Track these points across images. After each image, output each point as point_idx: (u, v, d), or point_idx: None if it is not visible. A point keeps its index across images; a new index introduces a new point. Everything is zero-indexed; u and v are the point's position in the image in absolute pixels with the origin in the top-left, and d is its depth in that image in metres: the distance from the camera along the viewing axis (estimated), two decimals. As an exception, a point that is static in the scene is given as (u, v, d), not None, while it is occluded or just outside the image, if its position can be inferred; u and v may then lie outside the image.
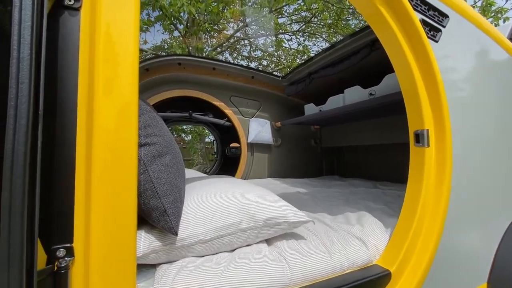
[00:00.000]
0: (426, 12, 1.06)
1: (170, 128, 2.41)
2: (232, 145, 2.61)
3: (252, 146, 2.73)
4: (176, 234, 0.67)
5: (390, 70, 1.92)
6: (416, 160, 1.01)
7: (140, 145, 0.67)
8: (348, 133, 2.79)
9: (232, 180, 1.01)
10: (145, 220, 0.71)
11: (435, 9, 1.08)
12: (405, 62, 1.00)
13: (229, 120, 2.61)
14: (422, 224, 0.94)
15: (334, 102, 2.17)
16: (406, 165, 1.08)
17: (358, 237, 0.96)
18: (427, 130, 0.98)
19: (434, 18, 1.08)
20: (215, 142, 2.65)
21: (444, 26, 1.09)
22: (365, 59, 1.90)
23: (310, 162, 3.09)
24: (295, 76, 2.58)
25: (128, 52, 0.54)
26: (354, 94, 1.96)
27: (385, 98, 1.62)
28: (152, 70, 2.23)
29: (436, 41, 1.06)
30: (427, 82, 1.00)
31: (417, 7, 1.03)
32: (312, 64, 2.29)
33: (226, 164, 2.58)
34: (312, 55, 6.42)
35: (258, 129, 2.68)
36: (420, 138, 1.00)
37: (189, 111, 2.39)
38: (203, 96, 2.50)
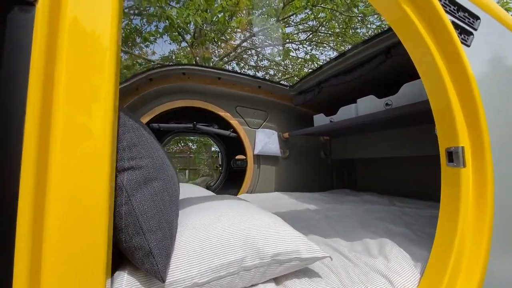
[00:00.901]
0: (455, 14, 0.93)
1: (170, 141, 2.31)
2: (237, 157, 2.49)
3: (259, 158, 2.60)
4: (163, 281, 0.54)
5: (408, 78, 1.80)
6: (450, 182, 0.87)
7: (123, 170, 0.55)
8: (360, 144, 2.63)
9: (235, 204, 0.88)
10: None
11: (465, 10, 0.96)
12: (435, 70, 0.87)
13: (234, 131, 2.50)
14: (461, 259, 0.79)
15: (346, 113, 2.04)
16: (426, 180, 0.93)
17: (383, 274, 0.81)
18: (462, 148, 0.84)
19: (465, 20, 0.95)
20: (219, 154, 2.54)
21: (475, 29, 0.97)
22: (380, 66, 1.78)
23: (319, 175, 2.94)
24: (303, 85, 2.47)
25: (103, 58, 0.43)
26: (368, 104, 1.82)
27: (404, 108, 1.48)
28: (156, 80, 2.16)
29: (468, 46, 0.93)
30: (461, 92, 0.86)
31: (445, 7, 0.91)
32: (322, 72, 2.18)
33: (231, 177, 2.46)
34: (320, 63, 6.33)
35: (264, 140, 2.57)
36: (454, 156, 0.85)
37: (193, 122, 2.30)
38: (208, 107, 2.41)
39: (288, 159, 2.77)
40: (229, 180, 2.47)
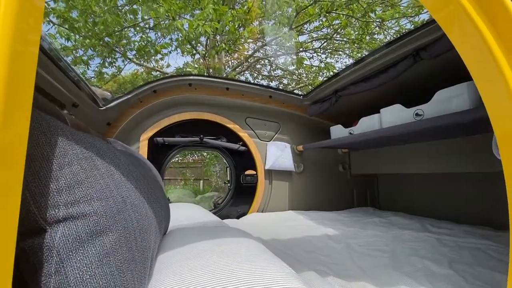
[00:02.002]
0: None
1: (176, 156, 2.18)
2: (247, 172, 2.31)
3: (271, 173, 2.40)
4: None
5: (442, 84, 1.56)
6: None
7: (56, 221, 0.38)
8: (384, 158, 2.37)
9: (235, 250, 0.68)
10: None
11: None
12: (497, 75, 0.66)
13: (244, 144, 2.33)
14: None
15: (368, 124, 1.81)
16: (464, 201, 0.69)
17: None
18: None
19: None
20: (228, 169, 2.36)
21: None
22: (407, 71, 1.56)
23: (338, 192, 2.68)
24: (318, 94, 2.27)
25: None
26: (394, 114, 1.59)
27: (440, 120, 1.24)
28: (160, 92, 2.05)
29: None
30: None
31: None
32: (338, 80, 1.97)
33: (240, 194, 2.27)
34: (336, 71, 6.10)
35: (277, 154, 2.37)
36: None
37: (200, 135, 2.15)
38: (216, 119, 2.27)
39: (303, 174, 2.55)
40: (238, 197, 2.28)
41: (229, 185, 2.32)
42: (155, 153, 2.08)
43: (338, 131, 2.15)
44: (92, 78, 6.26)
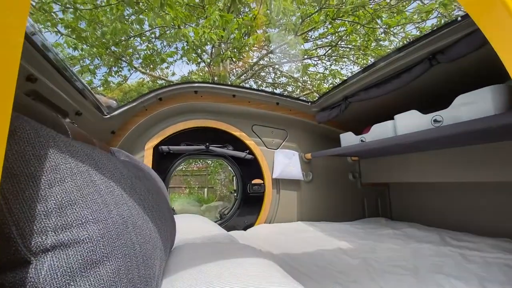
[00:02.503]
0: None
1: (181, 164, 2.12)
2: (254, 181, 2.23)
3: (278, 183, 2.33)
4: None
5: (462, 88, 1.48)
6: None
7: (43, 251, 0.32)
8: (396, 166, 2.28)
9: (247, 273, 0.61)
10: None
11: None
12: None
13: (250, 152, 2.26)
14: None
15: (381, 131, 1.73)
16: (486, 211, 0.61)
17: None
18: None
19: None
20: (234, 178, 2.29)
21: None
22: (422, 76, 1.49)
23: (348, 201, 2.58)
24: (327, 100, 2.21)
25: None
26: (409, 121, 1.52)
27: (465, 126, 1.17)
28: (166, 99, 2.01)
29: None
30: None
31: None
32: (348, 86, 1.91)
33: (247, 204, 2.20)
34: (341, 78, 6.05)
35: (284, 162, 2.30)
36: None
37: (206, 143, 2.10)
38: (222, 126, 2.22)
39: (312, 183, 2.46)
40: (245, 207, 2.20)
41: (235, 194, 2.25)
42: (160, 162, 2.03)
43: (348, 139, 2.08)
44: (99, 87, 6.32)
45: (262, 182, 2.25)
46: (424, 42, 1.33)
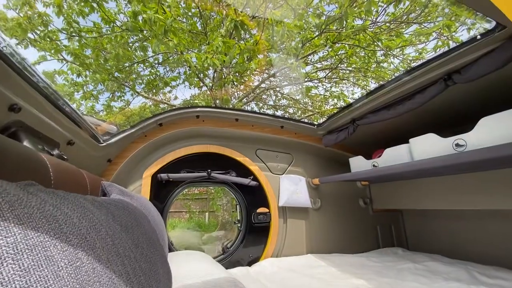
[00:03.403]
0: None
1: (181, 192, 1.99)
2: (259, 210, 2.08)
3: (285, 211, 2.17)
4: None
5: (484, 109, 1.39)
6: None
7: None
8: (411, 192, 2.13)
9: None
10: None
11: None
12: None
13: (255, 178, 2.14)
14: None
15: (395, 155, 1.62)
16: None
17: None
18: None
19: None
20: (238, 206, 2.15)
21: None
22: (437, 97, 1.41)
23: (360, 230, 2.40)
24: (334, 123, 2.12)
25: None
26: (427, 145, 1.41)
27: (492, 151, 1.05)
28: (166, 125, 1.93)
29: None
30: None
31: None
32: (357, 108, 1.83)
33: (251, 236, 2.03)
34: (348, 100, 6.04)
35: (291, 189, 2.16)
36: None
37: (208, 170, 1.98)
38: (224, 151, 2.11)
39: (321, 210, 2.30)
40: (250, 239, 2.03)
41: (239, 225, 2.08)
42: (159, 191, 1.90)
43: (358, 163, 1.96)
44: (101, 112, 6.34)
45: (267, 210, 2.10)
46: (439, 62, 1.26)
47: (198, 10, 5.18)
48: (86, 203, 0.46)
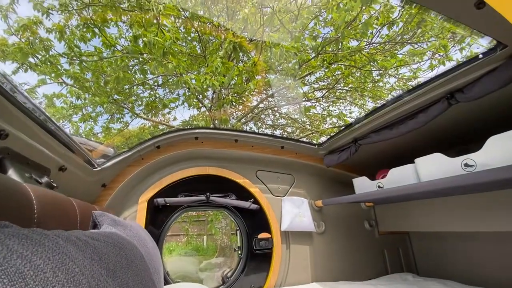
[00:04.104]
0: None
1: (179, 217, 1.90)
2: (260, 236, 1.98)
3: (288, 236, 2.07)
4: None
5: (492, 126, 1.36)
6: None
7: None
8: (417, 212, 2.05)
9: None
10: None
11: None
12: None
13: (255, 201, 2.06)
14: None
15: (401, 176, 1.56)
16: None
17: None
18: None
19: None
20: (238, 232, 2.04)
21: None
22: (440, 116, 1.38)
23: (367, 254, 2.28)
24: (335, 143, 2.09)
25: None
26: (434, 165, 1.36)
27: (504, 172, 1.00)
28: (164, 147, 1.88)
29: None
30: None
31: None
32: (358, 128, 1.80)
33: (253, 264, 1.91)
34: (346, 119, 6.07)
35: (293, 212, 2.07)
36: None
37: (206, 193, 1.91)
38: (224, 173, 2.05)
39: (325, 234, 2.20)
40: (251, 267, 1.91)
41: (239, 252, 1.97)
42: (155, 216, 1.81)
43: (363, 184, 1.90)
44: (99, 134, 6.31)
45: (269, 236, 2.00)
46: (441, 80, 1.25)
47: (197, 34, 5.34)
48: (68, 246, 0.39)
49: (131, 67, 4.77)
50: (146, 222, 1.75)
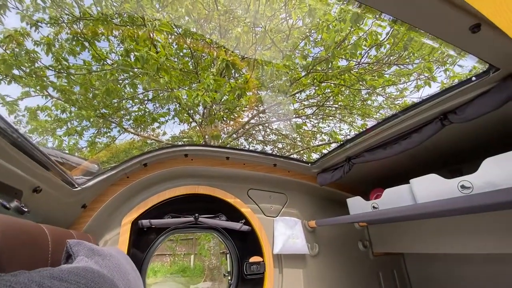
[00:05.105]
0: None
1: (165, 240, 1.79)
2: (252, 259, 1.88)
3: (280, 259, 1.97)
4: None
5: (487, 147, 1.36)
6: None
7: None
8: (412, 233, 2.01)
9: None
10: None
11: None
12: None
13: (247, 222, 1.97)
14: None
15: (396, 197, 1.53)
16: None
17: None
18: None
19: None
20: (228, 256, 1.93)
21: None
22: (434, 136, 1.38)
23: (362, 277, 2.20)
24: (328, 161, 2.05)
25: None
26: (430, 186, 1.33)
27: (502, 194, 0.98)
28: (152, 165, 1.79)
29: None
30: None
31: None
32: (352, 146, 1.78)
33: None
34: (338, 137, 6.14)
35: (286, 233, 1.99)
36: None
37: (195, 214, 1.80)
38: (214, 192, 1.97)
39: (319, 256, 2.11)
40: (242, 294, 1.79)
41: (229, 278, 1.85)
42: (139, 239, 1.69)
43: (357, 204, 1.85)
44: (84, 148, 6.09)
45: (261, 260, 1.90)
46: (435, 102, 1.25)
47: (189, 50, 5.37)
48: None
49: (120, 81, 4.70)
50: (129, 246, 1.63)
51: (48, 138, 5.27)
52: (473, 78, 1.06)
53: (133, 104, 5.67)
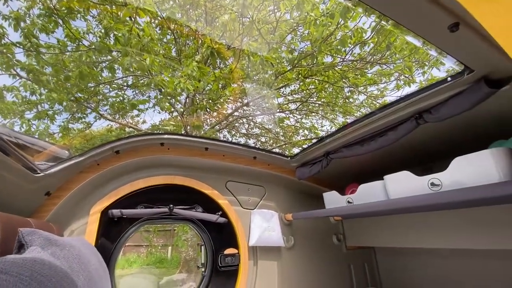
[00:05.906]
0: None
1: (138, 231, 1.72)
2: (226, 251, 1.86)
3: (255, 251, 1.98)
4: None
5: (461, 145, 1.40)
6: None
7: None
8: (384, 228, 2.08)
9: None
10: None
11: None
12: None
13: (223, 214, 1.94)
14: None
15: (370, 192, 1.56)
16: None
17: None
18: None
19: None
20: (203, 248, 1.90)
21: None
22: (409, 135, 1.41)
23: (335, 270, 2.26)
24: (307, 156, 2.07)
25: None
26: (402, 183, 1.37)
27: (467, 192, 1.02)
28: (125, 152, 1.71)
29: None
30: None
31: None
32: (330, 142, 1.80)
33: (218, 282, 1.78)
34: (318, 132, 6.22)
35: (263, 226, 1.99)
36: None
37: (170, 205, 1.75)
38: (191, 183, 1.92)
39: (293, 249, 2.14)
40: (215, 286, 1.78)
41: (203, 270, 1.83)
42: (109, 230, 1.61)
43: (333, 199, 1.88)
44: (56, 134, 5.74)
45: (236, 251, 1.89)
46: (411, 100, 1.27)
47: (173, 36, 5.17)
48: None
49: (97, 64, 4.44)
50: (98, 236, 1.55)
51: (16, 121, 4.91)
52: (449, 79, 1.09)
53: (111, 89, 5.39)
